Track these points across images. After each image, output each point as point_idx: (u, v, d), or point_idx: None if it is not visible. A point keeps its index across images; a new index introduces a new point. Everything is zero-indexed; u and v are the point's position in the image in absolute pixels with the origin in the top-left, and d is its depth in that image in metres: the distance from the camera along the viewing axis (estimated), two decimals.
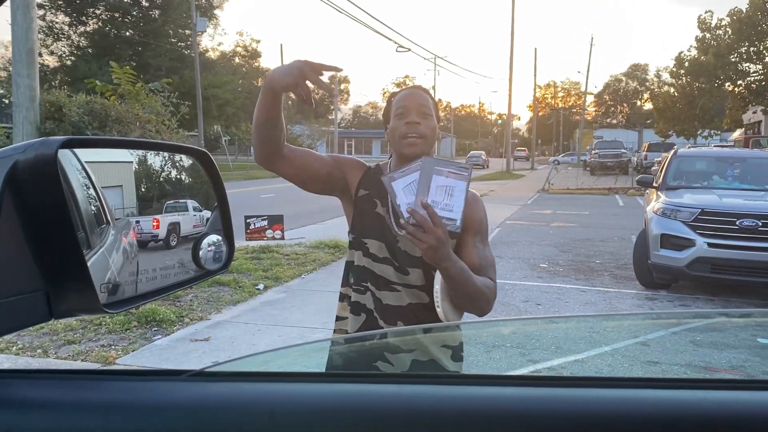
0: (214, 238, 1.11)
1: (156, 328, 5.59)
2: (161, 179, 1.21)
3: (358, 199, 1.88)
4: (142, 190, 1.21)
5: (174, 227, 1.16)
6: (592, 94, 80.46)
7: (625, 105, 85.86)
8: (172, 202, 1.20)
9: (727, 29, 27.06)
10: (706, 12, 29.42)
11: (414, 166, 1.57)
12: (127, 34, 41.54)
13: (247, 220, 9.34)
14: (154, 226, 1.12)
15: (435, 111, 1.86)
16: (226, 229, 1.14)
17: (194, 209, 1.18)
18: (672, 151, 9.43)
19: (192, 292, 6.75)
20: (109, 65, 6.53)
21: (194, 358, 4.91)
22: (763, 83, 25.95)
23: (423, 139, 1.77)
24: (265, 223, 9.35)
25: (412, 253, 1.77)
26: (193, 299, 6.55)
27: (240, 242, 9.88)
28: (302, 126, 55.31)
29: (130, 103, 6.23)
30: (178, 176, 1.22)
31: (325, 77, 1.69)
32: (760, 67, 26.51)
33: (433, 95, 1.91)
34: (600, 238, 11.80)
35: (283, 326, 5.79)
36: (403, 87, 1.97)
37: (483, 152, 59.85)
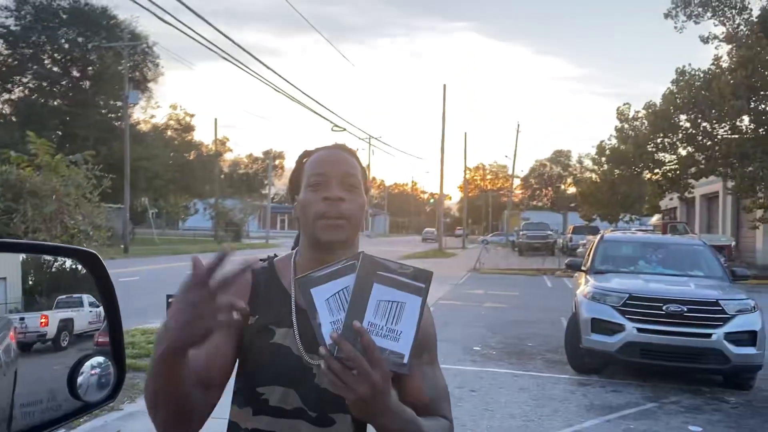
0: (98, 360, 0.91)
1: (86, 414, 5.07)
2: (53, 270, 1.03)
3: (247, 331, 1.31)
4: (30, 282, 1.03)
5: (66, 324, 1.00)
6: (519, 177, 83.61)
7: (549, 188, 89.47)
8: (64, 296, 1.05)
9: (644, 121, 28.86)
10: (624, 104, 31.35)
11: (346, 266, 1.07)
12: (55, 103, 40.59)
13: (169, 299, 8.86)
14: (42, 323, 0.96)
15: (364, 180, 1.41)
16: (115, 347, 0.95)
17: (90, 304, 1.03)
18: (599, 236, 9.68)
19: None
20: (27, 135, 6.22)
21: None
22: (677, 172, 27.56)
23: (347, 221, 1.31)
24: None
25: (333, 390, 1.16)
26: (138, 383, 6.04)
27: (160, 323, 9.35)
28: (234, 200, 54.67)
29: (47, 175, 5.89)
30: (73, 267, 1.04)
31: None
32: (674, 157, 28.22)
33: (359, 158, 1.43)
34: (531, 319, 11.85)
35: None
36: (319, 147, 1.44)
37: (434, 229, 61.16)
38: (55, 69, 41.21)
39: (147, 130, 48.35)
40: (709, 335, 6.80)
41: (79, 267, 1.09)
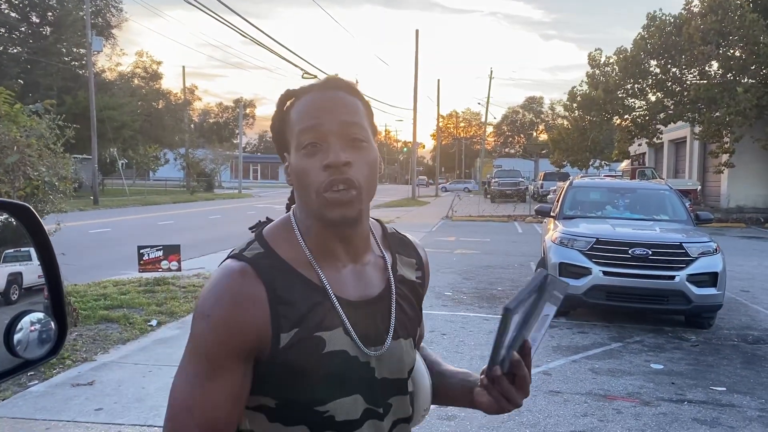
0: (37, 315, 0.89)
1: (30, 371, 5.08)
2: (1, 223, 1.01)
3: (281, 353, 1.02)
4: None
5: (15, 278, 0.97)
6: (492, 125, 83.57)
7: (522, 135, 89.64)
8: (12, 250, 1.01)
9: (614, 67, 28.87)
10: (595, 50, 31.25)
11: (533, 288, 1.01)
12: (15, 51, 39.11)
13: (141, 251, 8.82)
14: None
15: (371, 123, 1.12)
16: (55, 303, 0.93)
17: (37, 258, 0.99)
18: (568, 182, 9.79)
19: (76, 330, 6.23)
20: None
21: (75, 406, 4.48)
22: (647, 118, 27.79)
23: (358, 192, 1.04)
24: (161, 253, 8.86)
25: (391, 377, 1.13)
26: (77, 338, 6.04)
27: (132, 274, 9.32)
28: (205, 150, 53.88)
29: (7, 125, 5.73)
30: (10, 220, 1.02)
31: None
32: (643, 103, 28.40)
33: (360, 93, 1.12)
34: (501, 265, 12.05)
35: (177, 366, 5.41)
36: (308, 79, 1.22)
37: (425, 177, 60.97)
38: (13, 14, 39.54)
39: (113, 78, 47.03)
40: (673, 277, 7.00)
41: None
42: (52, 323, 0.92)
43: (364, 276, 1.13)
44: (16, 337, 0.85)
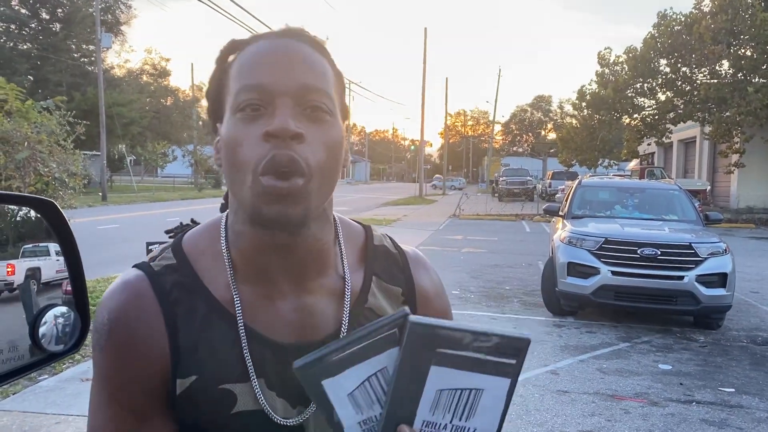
0: (61, 309, 0.91)
1: (53, 363, 5.11)
2: (18, 219, 1.02)
3: (177, 404, 0.80)
4: None
5: (33, 273, 0.98)
6: (500, 123, 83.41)
7: (530, 134, 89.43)
8: (30, 245, 1.02)
9: (624, 66, 28.75)
10: (605, 49, 31.14)
11: (380, 340, 0.69)
12: (25, 47, 39.32)
13: (149, 247, 8.83)
14: (8, 272, 0.94)
15: (339, 96, 0.82)
16: (78, 297, 0.94)
17: (57, 253, 1.01)
18: (577, 181, 9.76)
19: None
20: None
21: (85, 401, 4.50)
22: (656, 117, 27.67)
23: (307, 180, 0.74)
24: None
25: None
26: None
27: None
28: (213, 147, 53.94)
29: (19, 121, 5.77)
30: (30, 215, 1.03)
31: None
32: (653, 102, 28.27)
33: (329, 55, 0.83)
34: (509, 264, 12.03)
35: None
36: (257, 35, 0.83)
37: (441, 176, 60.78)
38: (23, 11, 39.77)
39: (122, 75, 47.29)
40: (682, 277, 6.97)
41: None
42: (76, 317, 0.93)
43: (310, 308, 0.82)
44: (41, 330, 0.86)
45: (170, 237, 0.89)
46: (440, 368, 0.67)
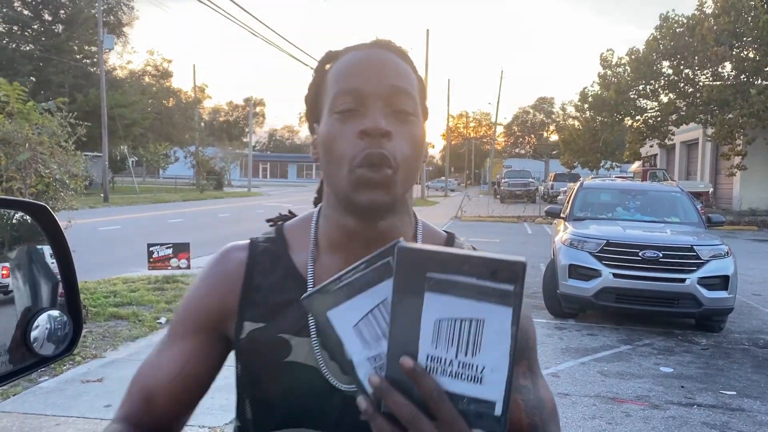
0: (53, 313, 0.90)
1: (45, 368, 5.11)
2: (14, 221, 1.02)
3: (241, 343, 0.91)
4: None
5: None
6: (502, 125, 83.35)
7: (532, 136, 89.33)
8: (25, 248, 1.01)
9: (626, 67, 28.72)
10: (607, 50, 31.10)
11: (375, 270, 0.69)
12: (27, 48, 39.40)
13: (150, 248, 8.86)
14: (2, 275, 0.94)
15: (421, 99, 0.93)
16: (70, 301, 0.94)
17: (50, 256, 1.00)
18: (578, 183, 9.74)
19: (86, 327, 6.26)
20: None
21: (84, 402, 4.50)
22: (659, 119, 27.63)
23: (394, 172, 0.85)
24: (170, 251, 8.88)
25: None
26: (86, 335, 6.07)
27: (142, 272, 9.36)
28: (215, 148, 54.07)
29: (20, 123, 5.77)
30: (26, 218, 1.03)
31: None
32: (655, 104, 28.25)
33: (413, 63, 0.95)
34: None
35: None
36: (350, 47, 0.94)
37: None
38: (26, 12, 39.86)
39: (124, 76, 47.38)
40: (683, 280, 6.95)
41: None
42: (68, 321, 0.92)
43: None
44: (33, 334, 0.86)
45: (270, 225, 1.04)
46: (435, 294, 0.64)
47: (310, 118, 0.97)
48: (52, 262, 0.96)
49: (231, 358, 0.97)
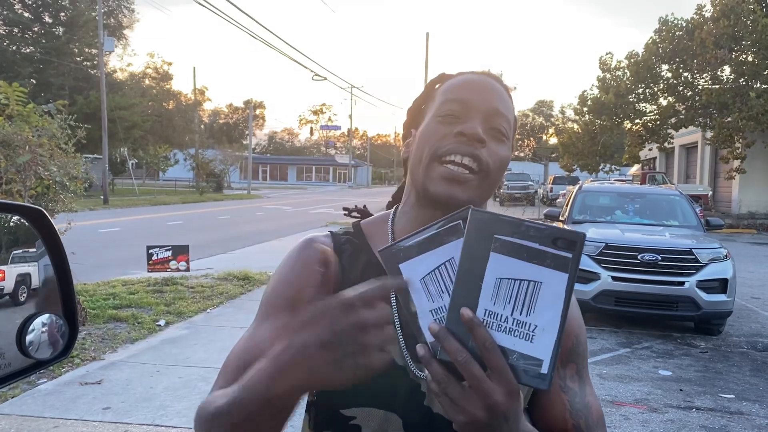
0: (49, 317, 0.91)
1: (41, 371, 5.11)
2: (11, 224, 1.02)
3: None
4: None
5: (24, 279, 0.97)
6: None
7: (531, 139, 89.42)
8: (20, 251, 1.02)
9: (626, 71, 28.75)
10: (606, 54, 31.14)
11: (447, 229, 0.75)
12: (27, 50, 39.42)
13: (150, 251, 8.86)
14: None
15: (514, 129, 1.01)
16: (66, 305, 0.94)
17: (48, 259, 1.00)
18: (577, 186, 9.75)
19: (85, 329, 6.26)
20: None
21: (83, 405, 4.50)
22: (658, 122, 27.65)
23: (479, 176, 0.92)
24: (169, 253, 8.89)
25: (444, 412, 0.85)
26: (85, 337, 6.07)
27: (141, 274, 9.36)
28: (215, 150, 54.08)
29: (19, 125, 5.77)
30: (23, 221, 1.03)
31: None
32: (654, 107, 28.27)
33: (512, 98, 1.02)
34: None
35: (185, 366, 5.44)
36: (463, 72, 1.02)
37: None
38: (26, 14, 39.89)
39: (124, 78, 47.38)
40: (682, 283, 6.96)
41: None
42: (64, 324, 0.93)
43: None
44: (28, 338, 0.86)
45: (345, 214, 1.12)
46: (499, 255, 0.69)
47: (409, 126, 1.05)
48: (48, 266, 0.96)
49: None
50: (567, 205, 9.26)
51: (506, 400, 0.69)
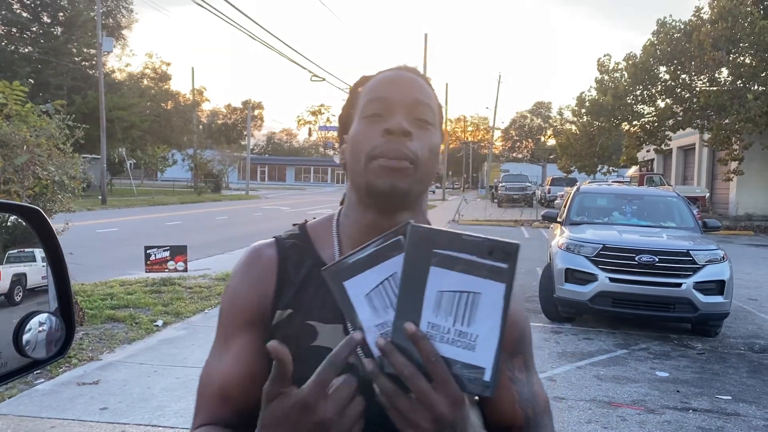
0: (46, 316, 0.91)
1: (38, 371, 5.10)
2: (8, 224, 1.02)
3: (273, 331, 0.98)
4: None
5: (19, 279, 0.98)
6: (500, 129, 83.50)
7: (530, 140, 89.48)
8: (15, 251, 1.02)
9: (623, 73, 28.79)
10: (604, 55, 31.17)
11: (388, 245, 0.77)
12: (26, 50, 39.35)
13: (148, 251, 8.85)
14: None
15: (439, 116, 1.04)
16: (63, 304, 0.94)
17: (43, 259, 1.01)
18: (575, 188, 9.77)
19: (82, 330, 6.26)
20: None
21: (80, 405, 4.50)
22: (656, 124, 27.69)
23: (413, 167, 0.94)
24: (167, 254, 8.88)
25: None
26: (83, 337, 6.07)
27: (139, 274, 9.36)
28: (213, 151, 54.03)
29: (17, 125, 5.77)
30: (21, 221, 1.03)
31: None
32: (652, 109, 28.30)
33: (433, 88, 1.06)
34: None
35: (183, 367, 5.44)
36: (382, 71, 1.06)
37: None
38: (25, 14, 39.82)
39: (122, 79, 47.33)
40: (680, 285, 6.97)
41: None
42: (61, 324, 0.93)
43: None
44: (25, 337, 0.86)
45: (294, 225, 1.11)
46: (439, 269, 0.72)
47: (341, 133, 1.08)
48: (44, 265, 0.96)
49: None
50: (565, 207, 9.27)
51: (451, 410, 0.72)
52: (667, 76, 26.21)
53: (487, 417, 0.99)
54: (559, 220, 8.90)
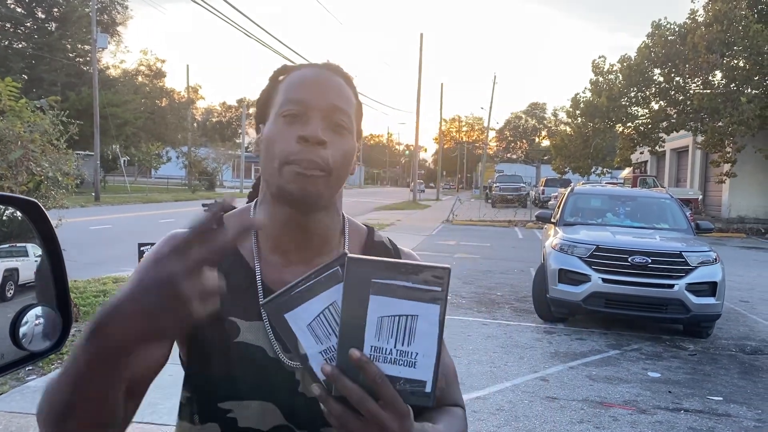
0: (43, 309, 0.91)
1: (30, 366, 5.09)
2: (4, 218, 1.02)
3: (195, 325, 0.88)
4: None
5: (11, 274, 0.97)
6: (494, 129, 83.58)
7: (524, 141, 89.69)
8: (7, 245, 1.01)
9: (618, 74, 28.88)
10: (599, 57, 31.26)
11: (326, 277, 0.80)
12: (20, 46, 39.16)
13: (141, 248, 8.81)
14: None
15: (357, 119, 1.05)
16: (60, 297, 0.94)
17: (36, 254, 1.00)
18: (569, 189, 9.80)
19: (75, 326, 6.23)
20: None
21: None
22: (650, 126, 27.81)
23: (326, 174, 0.96)
24: None
25: None
26: (76, 333, 6.04)
27: (132, 271, 9.32)
28: (208, 149, 53.90)
29: (11, 120, 5.75)
30: (16, 215, 1.02)
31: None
32: (646, 111, 28.42)
33: (355, 88, 1.07)
34: (501, 270, 12.05)
35: (176, 364, 5.38)
36: (304, 64, 1.07)
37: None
38: (19, 10, 39.63)
39: (117, 75, 47.14)
40: (672, 286, 7.01)
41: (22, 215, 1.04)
42: (57, 317, 0.93)
43: None
44: (22, 330, 0.86)
45: (204, 208, 1.02)
46: (378, 297, 0.76)
47: (258, 119, 1.07)
48: (36, 260, 0.96)
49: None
50: (559, 207, 9.31)
51: (400, 425, 0.77)
52: (661, 79, 26.32)
53: None
54: (552, 220, 8.93)
